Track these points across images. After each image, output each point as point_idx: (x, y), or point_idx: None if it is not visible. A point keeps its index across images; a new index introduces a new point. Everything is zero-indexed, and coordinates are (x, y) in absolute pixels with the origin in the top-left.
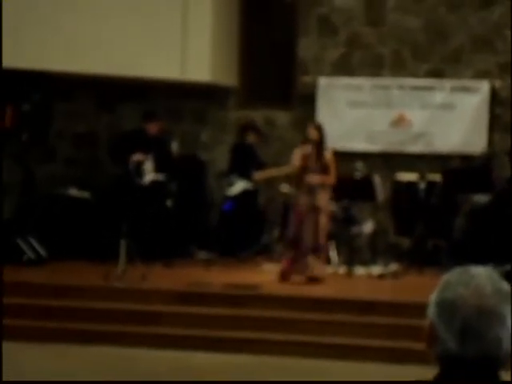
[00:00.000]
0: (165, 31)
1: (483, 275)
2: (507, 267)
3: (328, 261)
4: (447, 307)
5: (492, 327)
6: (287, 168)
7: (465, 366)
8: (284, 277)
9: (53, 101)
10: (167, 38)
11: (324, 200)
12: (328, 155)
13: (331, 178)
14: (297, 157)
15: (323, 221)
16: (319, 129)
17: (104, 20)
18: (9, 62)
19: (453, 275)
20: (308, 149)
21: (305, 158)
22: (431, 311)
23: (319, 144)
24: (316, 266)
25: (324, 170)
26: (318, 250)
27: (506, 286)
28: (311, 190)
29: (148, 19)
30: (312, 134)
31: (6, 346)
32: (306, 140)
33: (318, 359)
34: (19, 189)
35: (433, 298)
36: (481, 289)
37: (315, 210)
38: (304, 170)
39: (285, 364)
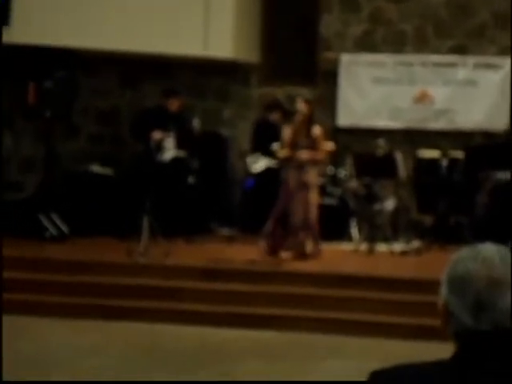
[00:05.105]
0: (187, 7)
1: (490, 249)
2: None
3: (316, 237)
4: (458, 283)
5: (503, 297)
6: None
7: (480, 339)
8: (272, 251)
9: (76, 78)
10: (190, 14)
11: (313, 176)
12: (317, 131)
13: (321, 154)
14: (287, 134)
15: (313, 197)
16: (309, 103)
17: None
18: (32, 39)
19: (461, 253)
20: (297, 119)
21: (295, 132)
22: (443, 290)
23: (308, 119)
24: (307, 243)
25: (313, 146)
26: (308, 227)
27: None
28: (301, 167)
29: None
30: (302, 107)
31: (29, 320)
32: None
33: (339, 335)
34: (42, 165)
35: (444, 276)
36: (489, 260)
37: (304, 186)
38: (293, 146)
39: (307, 340)
